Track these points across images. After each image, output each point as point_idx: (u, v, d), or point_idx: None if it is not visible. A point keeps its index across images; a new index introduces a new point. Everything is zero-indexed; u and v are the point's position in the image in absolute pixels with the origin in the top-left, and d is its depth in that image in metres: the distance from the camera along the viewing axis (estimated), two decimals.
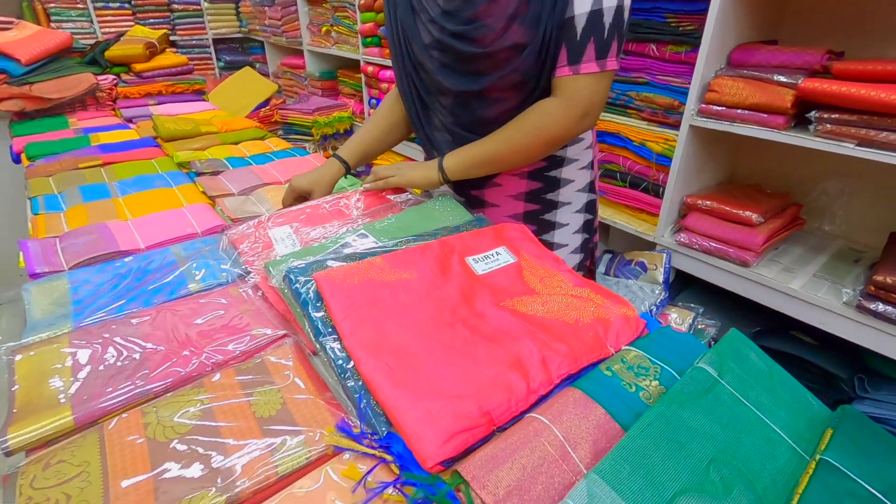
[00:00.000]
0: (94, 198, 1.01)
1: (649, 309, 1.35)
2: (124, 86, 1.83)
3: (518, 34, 0.70)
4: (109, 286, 0.73)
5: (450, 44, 0.76)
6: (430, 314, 0.59)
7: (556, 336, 0.56)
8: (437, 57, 0.78)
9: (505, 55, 0.73)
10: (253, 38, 3.60)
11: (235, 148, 1.35)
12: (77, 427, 0.50)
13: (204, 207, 0.98)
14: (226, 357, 0.59)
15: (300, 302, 0.61)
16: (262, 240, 0.77)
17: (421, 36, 0.79)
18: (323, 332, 0.57)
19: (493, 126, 0.83)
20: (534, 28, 0.69)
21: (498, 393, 0.48)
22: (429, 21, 0.77)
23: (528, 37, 0.70)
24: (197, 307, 0.67)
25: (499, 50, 0.72)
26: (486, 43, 0.73)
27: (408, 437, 0.45)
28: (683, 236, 1.32)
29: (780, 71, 1.09)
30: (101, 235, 0.85)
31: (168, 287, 0.73)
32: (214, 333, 0.62)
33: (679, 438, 0.43)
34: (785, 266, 1.22)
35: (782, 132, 1.06)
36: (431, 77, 0.81)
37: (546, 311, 0.61)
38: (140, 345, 0.60)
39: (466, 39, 0.74)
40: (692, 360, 0.55)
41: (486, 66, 0.75)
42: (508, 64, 0.74)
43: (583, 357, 0.54)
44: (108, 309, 0.68)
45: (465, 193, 0.91)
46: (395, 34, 0.83)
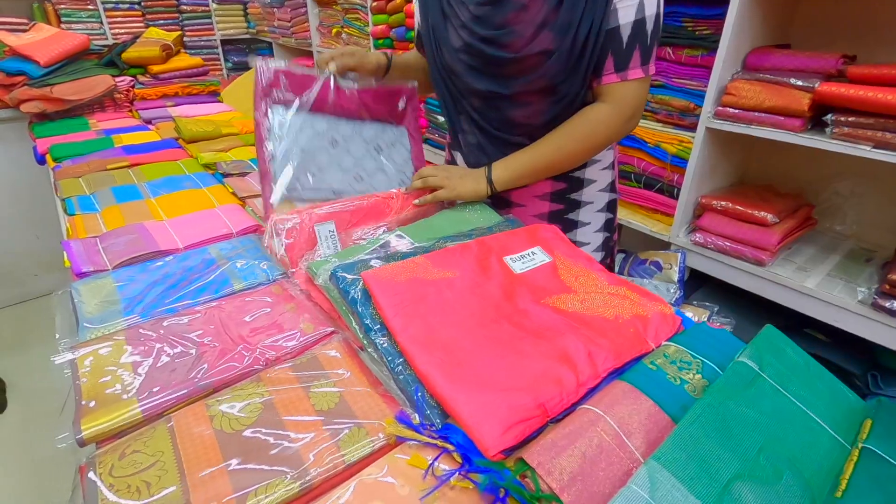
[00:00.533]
0: (127, 199, 1.03)
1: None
2: (141, 87, 1.85)
3: (546, 41, 0.73)
4: (155, 285, 0.75)
5: (479, 48, 0.78)
6: (475, 311, 0.62)
7: (598, 332, 0.58)
8: (465, 60, 0.81)
9: (532, 61, 0.75)
10: (260, 40, 3.61)
11: None
12: (144, 419, 0.53)
13: (235, 208, 1.00)
14: (278, 353, 0.61)
15: (348, 300, 0.63)
16: (306, 234, 0.78)
17: (451, 40, 0.81)
18: (372, 328, 0.60)
19: (521, 128, 0.86)
20: (562, 35, 0.72)
21: (549, 385, 0.50)
22: (459, 26, 0.80)
23: (556, 43, 0.73)
24: (243, 305, 0.70)
25: (527, 56, 0.75)
26: (514, 48, 0.75)
27: (468, 427, 0.47)
28: (698, 236, 1.35)
29: (795, 75, 1.11)
30: (141, 235, 0.87)
31: (213, 286, 0.75)
32: (265, 330, 0.65)
33: (729, 428, 0.45)
34: (799, 265, 1.25)
35: (799, 134, 1.09)
36: (461, 79, 0.83)
37: (585, 308, 0.63)
38: (194, 341, 0.63)
39: (495, 44, 0.77)
40: (730, 355, 0.57)
41: (514, 71, 0.78)
42: (536, 69, 0.76)
43: (626, 352, 0.56)
44: (156, 307, 0.70)
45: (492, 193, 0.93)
46: (427, 37, 0.86)
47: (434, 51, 0.86)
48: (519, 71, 0.77)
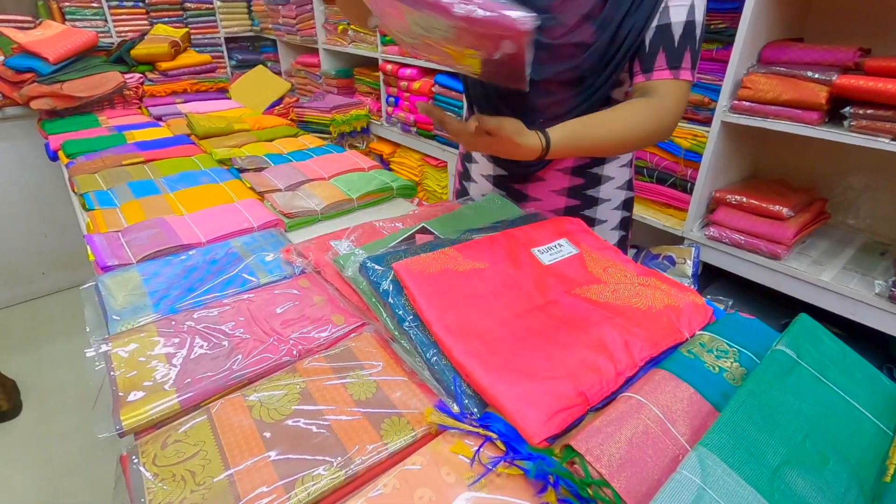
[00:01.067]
0: (145, 194, 1.03)
1: None
2: (150, 84, 1.85)
3: (586, 33, 0.72)
4: (180, 278, 0.75)
5: None
6: (507, 301, 0.62)
7: (632, 321, 0.58)
8: None
9: (567, 51, 0.75)
10: (264, 37, 3.60)
11: (271, 145, 1.37)
12: (182, 409, 0.53)
13: (254, 203, 1.00)
14: (310, 344, 0.61)
15: (379, 291, 0.63)
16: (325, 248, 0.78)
17: None
18: (405, 319, 0.60)
19: (541, 114, 0.84)
20: (602, 30, 0.71)
21: (589, 374, 0.50)
22: None
23: (595, 37, 0.72)
24: (272, 297, 0.70)
25: (563, 45, 0.74)
26: (552, 35, 0.74)
27: (511, 415, 0.47)
28: (713, 230, 1.35)
29: (812, 68, 1.11)
30: (163, 229, 0.87)
31: (238, 279, 0.75)
32: (296, 322, 0.65)
33: (773, 415, 0.45)
34: (814, 259, 1.25)
35: (817, 127, 1.09)
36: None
37: (617, 299, 0.63)
38: (226, 332, 0.62)
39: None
40: (766, 343, 0.57)
41: (545, 58, 0.76)
42: (569, 60, 0.75)
43: (661, 341, 0.56)
44: (185, 300, 0.70)
45: (508, 187, 0.93)
46: None
47: None
48: (551, 59, 0.76)
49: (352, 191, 1.06)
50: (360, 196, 1.05)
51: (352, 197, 1.04)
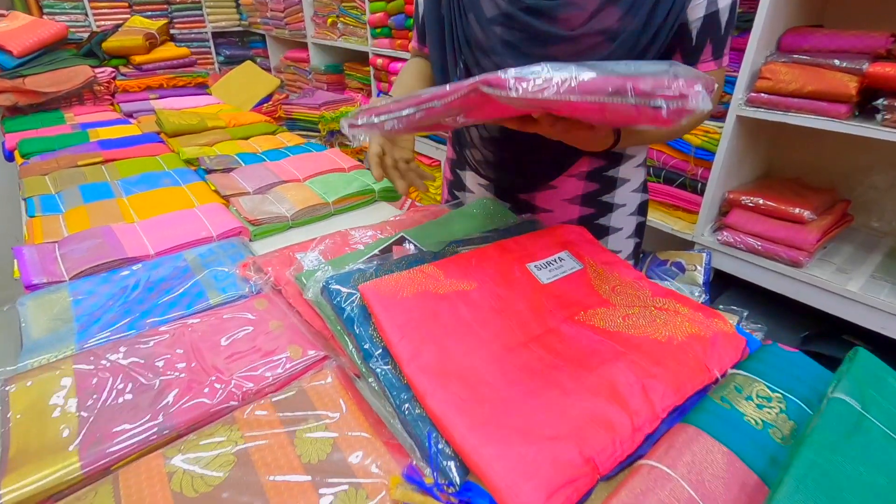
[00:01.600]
0: (96, 198, 0.92)
1: None
2: (123, 79, 1.73)
3: (612, 18, 0.60)
4: (117, 298, 0.64)
5: (523, 20, 0.63)
6: (498, 331, 0.51)
7: (651, 358, 0.47)
8: (499, 34, 0.66)
9: (591, 42, 0.62)
10: (253, 32, 3.49)
11: (246, 143, 1.26)
12: (86, 477, 0.42)
13: (218, 208, 0.89)
14: (258, 385, 0.50)
15: (343, 319, 0.52)
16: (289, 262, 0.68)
17: (482, 7, 0.66)
18: (372, 353, 0.49)
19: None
20: (633, 14, 0.59)
21: (599, 433, 0.40)
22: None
23: (623, 23, 0.60)
24: (220, 324, 0.59)
25: (583, 35, 0.61)
26: (570, 24, 0.61)
27: (498, 492, 0.36)
28: (726, 234, 1.24)
29: (839, 56, 1.01)
30: (106, 240, 0.76)
31: (185, 299, 0.64)
32: (244, 356, 0.54)
33: (842, 494, 0.34)
34: (838, 266, 1.14)
35: (846, 122, 0.98)
36: (489, 57, 0.69)
37: (629, 327, 0.53)
38: (157, 370, 0.52)
39: (545, 17, 0.62)
40: (815, 386, 0.46)
41: (565, 53, 0.63)
42: (595, 53, 0.62)
43: (687, 384, 0.46)
44: (117, 326, 0.59)
45: (513, 198, 0.81)
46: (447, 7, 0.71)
47: (454, 19, 0.70)
48: (572, 53, 0.63)
49: (328, 194, 0.95)
50: (337, 200, 0.94)
51: (327, 201, 0.93)
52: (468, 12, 0.67)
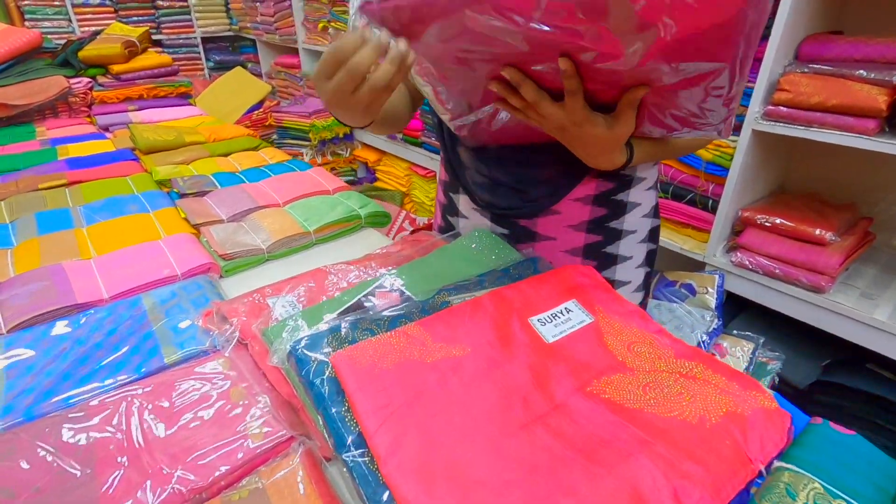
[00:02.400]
0: (53, 228, 0.84)
1: (701, 338, 1.19)
2: (101, 90, 1.65)
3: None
4: (57, 358, 0.56)
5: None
6: (495, 409, 0.43)
7: (681, 449, 0.39)
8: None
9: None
10: (244, 37, 3.41)
11: (225, 161, 1.17)
12: None
13: (186, 239, 0.81)
14: (208, 479, 0.42)
15: (313, 395, 0.44)
16: (258, 309, 0.59)
17: None
18: (345, 440, 0.41)
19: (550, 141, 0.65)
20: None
21: None
22: None
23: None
24: (172, 392, 0.50)
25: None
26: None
27: None
28: (739, 255, 1.16)
29: (864, 66, 0.93)
30: (55, 282, 0.68)
31: (135, 358, 0.56)
32: (195, 437, 0.45)
33: None
34: (862, 291, 1.06)
35: (875, 139, 0.90)
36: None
37: (652, 403, 0.44)
38: (90, 458, 0.43)
39: None
40: (878, 482, 0.38)
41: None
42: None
43: (727, 484, 0.37)
44: (54, 397, 0.51)
45: (511, 224, 0.73)
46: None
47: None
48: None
49: (309, 221, 0.86)
50: (319, 228, 0.85)
51: (308, 230, 0.84)
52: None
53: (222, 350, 0.57)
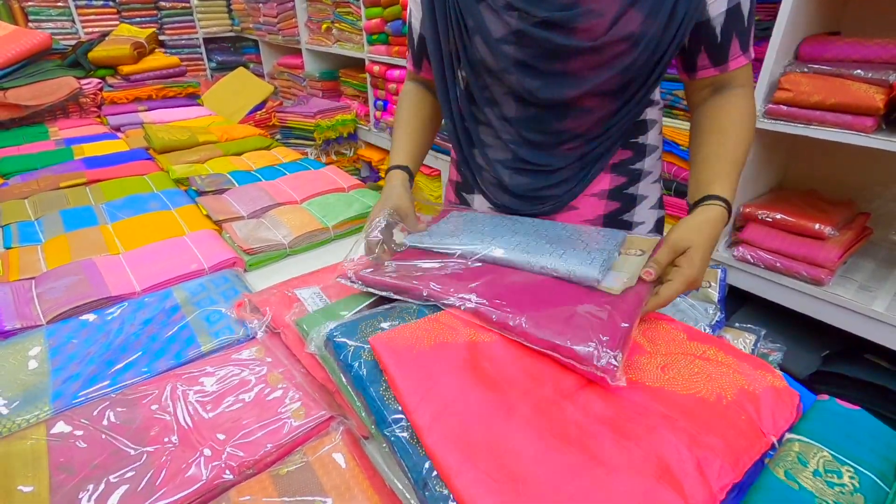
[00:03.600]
0: (79, 225, 0.86)
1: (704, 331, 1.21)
2: (110, 90, 1.67)
3: (634, 22, 0.55)
4: (98, 346, 0.58)
5: (538, 36, 0.58)
6: (527, 388, 0.45)
7: (701, 423, 0.42)
8: (512, 54, 0.61)
9: (615, 50, 0.57)
10: (246, 38, 3.42)
11: (239, 160, 1.20)
12: None
13: (210, 235, 0.84)
14: (256, 455, 0.45)
15: (352, 376, 0.47)
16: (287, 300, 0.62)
17: (488, 27, 0.61)
18: (386, 417, 0.43)
19: (565, 137, 0.68)
20: (654, 15, 0.55)
21: None
22: (503, 7, 0.60)
23: (645, 26, 0.56)
24: (213, 377, 0.53)
25: (610, 43, 0.56)
26: (593, 34, 0.56)
27: None
28: (741, 250, 1.19)
29: (862, 66, 0.96)
30: (87, 276, 0.70)
31: (174, 347, 0.58)
32: (240, 418, 0.48)
33: None
34: (861, 283, 1.10)
35: (872, 136, 0.94)
36: (499, 79, 0.64)
37: (670, 381, 0.47)
38: (142, 438, 0.46)
39: (564, 30, 0.57)
40: (884, 453, 0.41)
41: (588, 64, 0.59)
42: (619, 61, 0.58)
43: (744, 455, 0.40)
44: (98, 383, 0.53)
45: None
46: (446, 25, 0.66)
47: (455, 42, 0.66)
48: (595, 64, 0.59)
49: (327, 217, 0.89)
50: (338, 224, 0.88)
51: (327, 225, 0.87)
52: (473, 35, 0.62)
53: (257, 338, 0.60)
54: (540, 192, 0.72)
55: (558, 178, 0.71)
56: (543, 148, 0.69)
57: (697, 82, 0.66)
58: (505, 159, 0.72)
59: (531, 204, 0.74)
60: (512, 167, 0.72)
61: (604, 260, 0.54)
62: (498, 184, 0.75)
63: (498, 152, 0.73)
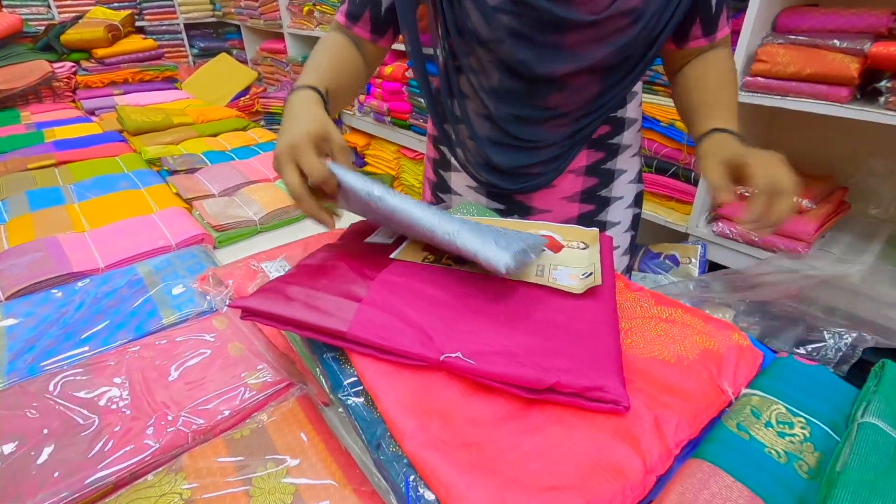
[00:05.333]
0: (44, 205, 0.84)
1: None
2: (84, 74, 1.63)
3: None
4: (57, 321, 0.57)
5: (538, 6, 0.55)
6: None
7: (661, 385, 0.42)
8: (507, 23, 0.57)
9: (616, 25, 0.56)
10: (228, 23, 3.37)
11: (214, 141, 1.18)
12: None
13: (178, 213, 0.82)
14: (211, 421, 0.44)
15: (309, 342, 0.46)
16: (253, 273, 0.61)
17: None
18: (342, 381, 0.43)
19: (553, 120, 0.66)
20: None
21: (606, 479, 0.34)
22: None
23: (647, 1, 0.55)
24: (173, 348, 0.52)
25: (611, 17, 0.54)
26: (596, 7, 0.54)
27: None
28: (721, 225, 1.20)
29: (838, 36, 0.96)
30: (50, 253, 0.69)
31: (134, 320, 0.57)
32: (197, 386, 0.47)
33: None
34: (838, 256, 1.10)
35: (846, 106, 0.93)
36: (489, 49, 0.61)
37: (631, 346, 0.47)
38: (96, 406, 0.45)
39: (565, 1, 0.55)
40: (839, 405, 0.41)
41: (585, 39, 0.57)
42: (618, 37, 0.56)
43: (702, 412, 0.40)
44: (55, 357, 0.52)
45: (508, 199, 0.75)
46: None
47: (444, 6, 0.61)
48: (593, 39, 0.57)
49: None
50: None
51: None
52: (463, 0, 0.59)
53: (219, 310, 0.59)
54: (524, 169, 0.70)
55: (545, 156, 0.69)
56: (529, 123, 0.67)
57: (685, 51, 0.65)
58: (488, 135, 0.70)
59: (513, 181, 0.72)
60: (497, 143, 0.70)
61: (521, 250, 0.45)
62: (478, 160, 0.72)
63: (481, 128, 0.70)
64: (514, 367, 0.40)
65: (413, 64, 0.68)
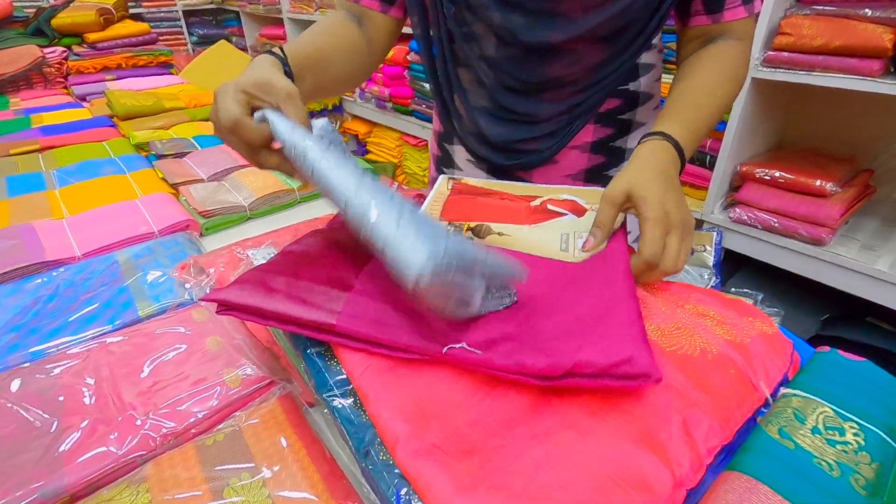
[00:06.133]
0: (24, 191, 0.80)
1: None
2: (76, 59, 1.58)
3: None
4: (26, 313, 0.53)
5: None
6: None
7: (688, 380, 0.37)
8: None
9: None
10: (227, 9, 3.30)
11: (206, 125, 1.13)
12: None
13: (163, 198, 0.78)
14: (182, 424, 0.40)
15: (292, 337, 0.41)
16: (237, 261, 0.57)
17: None
18: (328, 381, 0.38)
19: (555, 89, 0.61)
20: None
21: (629, 494, 0.29)
22: None
23: None
24: (147, 342, 0.48)
25: None
26: None
27: None
28: (738, 211, 1.13)
29: (869, 5, 0.89)
30: (24, 241, 0.65)
31: (108, 311, 0.53)
32: (169, 385, 0.43)
33: None
34: (863, 243, 1.04)
35: (880, 80, 0.87)
36: (481, 15, 0.57)
37: (651, 334, 0.42)
38: (57, 407, 0.41)
39: None
40: (888, 403, 0.36)
41: (580, 5, 0.53)
42: (615, 3, 0.52)
43: (735, 412, 0.35)
44: (23, 349, 0.48)
45: (508, 175, 0.70)
46: None
47: None
48: (588, 5, 0.53)
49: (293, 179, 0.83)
50: (303, 186, 0.82)
51: (292, 187, 0.81)
52: None
53: (198, 302, 0.54)
54: (520, 144, 0.66)
55: (542, 131, 0.65)
56: (525, 95, 0.62)
57: (690, 30, 0.59)
58: (484, 106, 0.66)
59: (509, 156, 0.68)
60: (492, 115, 0.66)
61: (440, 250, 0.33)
62: (476, 133, 0.69)
63: (477, 98, 0.66)
64: (526, 354, 0.35)
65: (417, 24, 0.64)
